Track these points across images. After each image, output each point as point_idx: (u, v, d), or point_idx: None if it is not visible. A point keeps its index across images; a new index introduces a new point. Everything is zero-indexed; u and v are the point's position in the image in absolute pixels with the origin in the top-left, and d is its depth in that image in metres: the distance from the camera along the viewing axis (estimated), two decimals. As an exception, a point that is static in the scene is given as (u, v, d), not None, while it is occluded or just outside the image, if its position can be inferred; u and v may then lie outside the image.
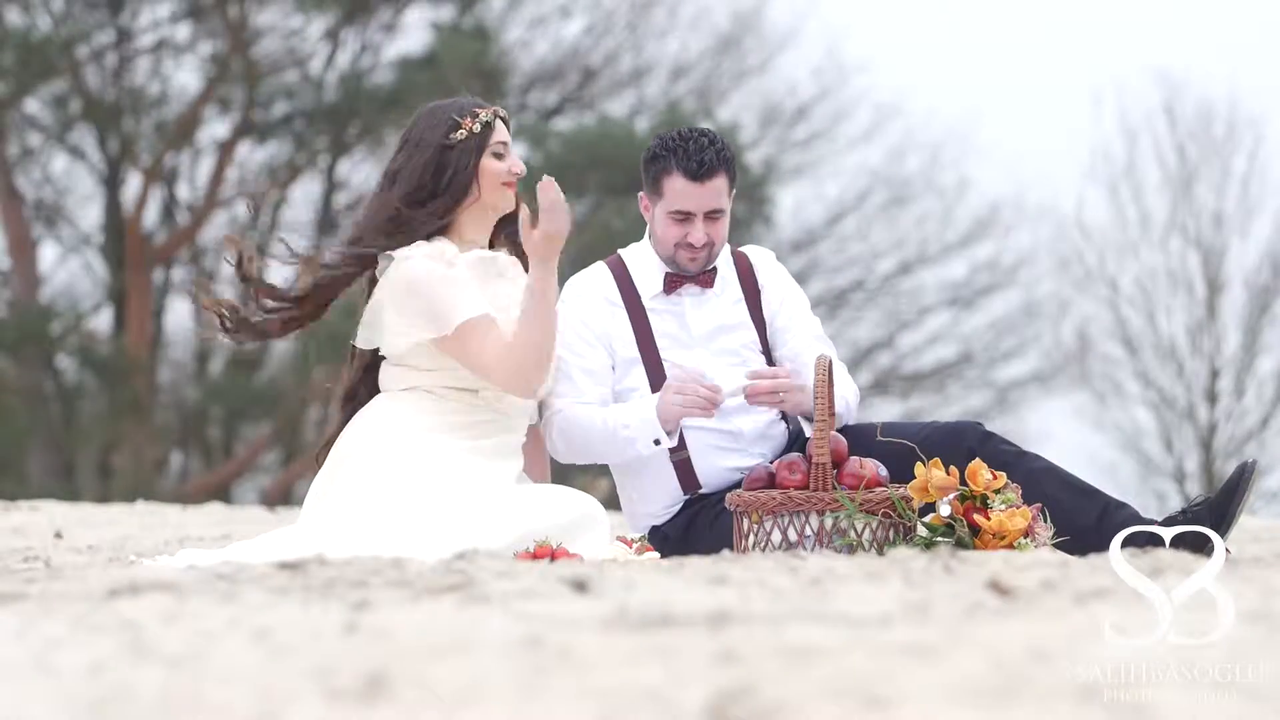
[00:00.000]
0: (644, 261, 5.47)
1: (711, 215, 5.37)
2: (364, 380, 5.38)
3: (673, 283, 5.43)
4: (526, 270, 5.20)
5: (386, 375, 5.29)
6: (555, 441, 5.39)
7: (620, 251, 5.53)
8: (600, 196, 22.28)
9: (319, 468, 5.31)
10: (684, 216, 5.36)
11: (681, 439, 5.35)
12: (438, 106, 5.34)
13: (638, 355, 5.40)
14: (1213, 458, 23.68)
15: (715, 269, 5.46)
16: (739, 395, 5.23)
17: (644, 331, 5.42)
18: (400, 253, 5.20)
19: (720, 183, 5.35)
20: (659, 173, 5.38)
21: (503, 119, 5.32)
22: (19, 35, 21.52)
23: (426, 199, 5.24)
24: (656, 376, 5.37)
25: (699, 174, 5.32)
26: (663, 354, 5.40)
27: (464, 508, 4.97)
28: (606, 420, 5.29)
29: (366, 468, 5.13)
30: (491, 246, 5.38)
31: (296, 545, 4.79)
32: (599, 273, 5.51)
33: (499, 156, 5.28)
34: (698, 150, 5.33)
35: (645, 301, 5.43)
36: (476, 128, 5.25)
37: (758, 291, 5.51)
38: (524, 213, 5.12)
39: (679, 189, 5.34)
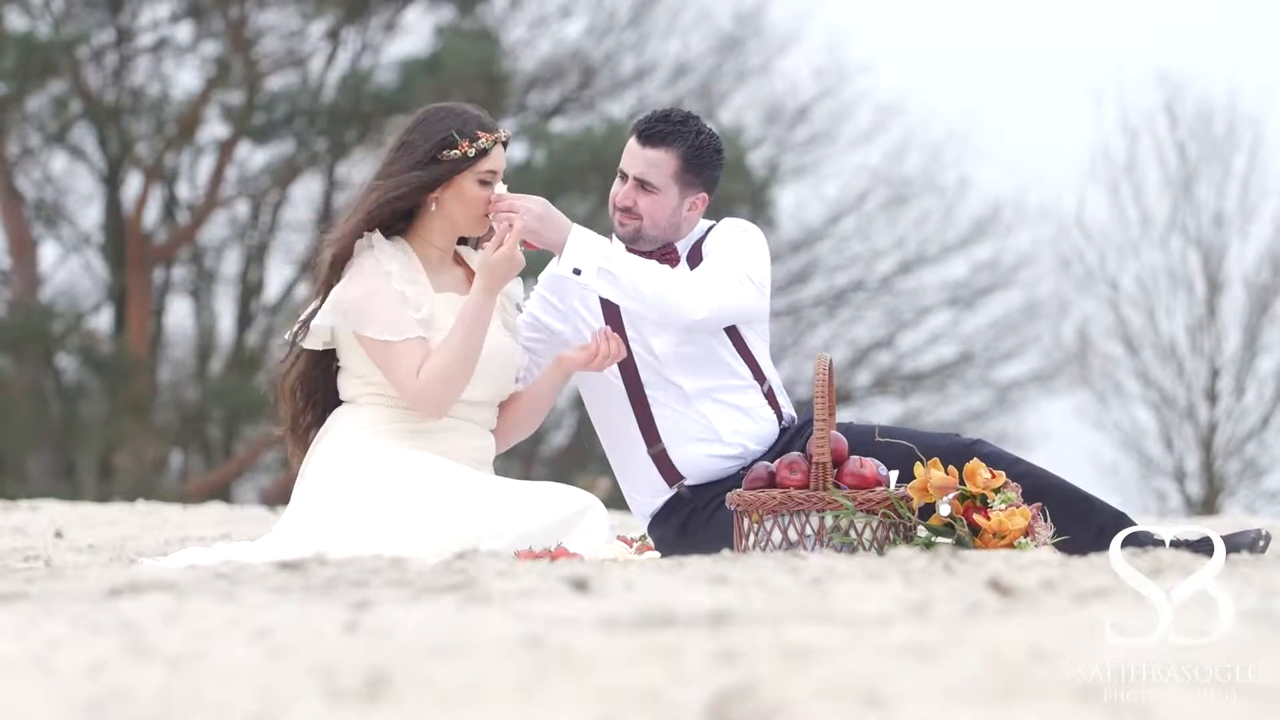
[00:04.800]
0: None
1: (642, 184, 5.34)
2: (319, 380, 5.27)
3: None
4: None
5: (345, 384, 5.22)
6: None
7: None
8: (604, 198, 22.27)
9: (294, 454, 5.28)
10: (622, 177, 5.39)
11: (656, 433, 5.36)
12: (440, 113, 5.19)
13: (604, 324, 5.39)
14: (1213, 457, 23.68)
15: (675, 251, 5.41)
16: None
17: (611, 304, 5.39)
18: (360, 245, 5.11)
19: (660, 156, 5.32)
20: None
21: (503, 143, 5.19)
22: (20, 36, 21.51)
23: (403, 195, 5.12)
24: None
25: (642, 136, 5.35)
26: (627, 328, 5.39)
27: (463, 506, 4.94)
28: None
29: (351, 472, 5.08)
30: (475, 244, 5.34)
31: (296, 545, 4.79)
32: None
33: (485, 184, 5.15)
34: (656, 119, 5.37)
35: None
36: (472, 152, 5.11)
37: (701, 260, 5.43)
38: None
39: (626, 147, 5.40)
